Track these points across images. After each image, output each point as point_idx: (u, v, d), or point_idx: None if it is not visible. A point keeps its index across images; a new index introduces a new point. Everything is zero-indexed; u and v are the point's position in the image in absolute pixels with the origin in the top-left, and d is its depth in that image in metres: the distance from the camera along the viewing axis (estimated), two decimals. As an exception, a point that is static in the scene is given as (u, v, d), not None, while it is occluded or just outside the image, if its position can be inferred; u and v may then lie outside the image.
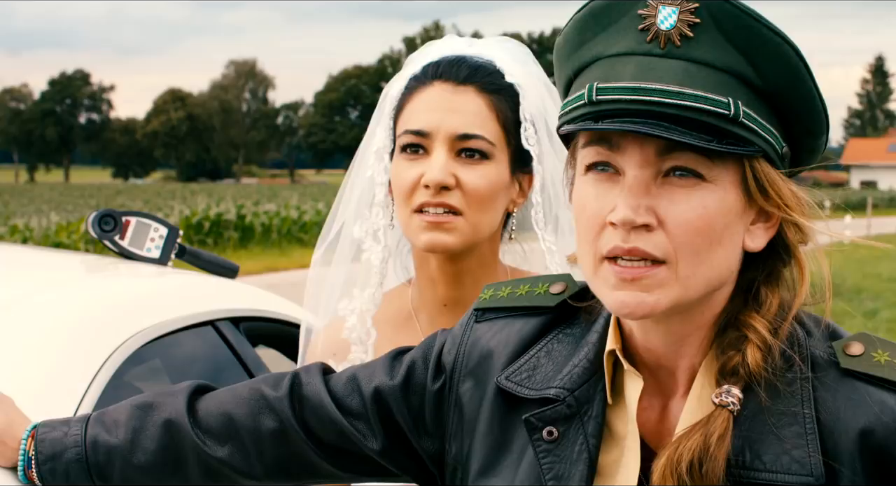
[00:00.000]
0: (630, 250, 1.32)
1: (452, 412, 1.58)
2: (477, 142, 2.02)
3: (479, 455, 1.54)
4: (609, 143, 1.34)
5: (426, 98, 2.05)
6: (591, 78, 1.36)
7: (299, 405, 1.65)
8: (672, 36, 1.33)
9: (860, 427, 1.33)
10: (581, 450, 1.44)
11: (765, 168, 1.35)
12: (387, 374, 1.63)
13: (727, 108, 1.30)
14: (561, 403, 1.46)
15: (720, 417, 1.34)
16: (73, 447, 1.66)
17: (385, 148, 2.13)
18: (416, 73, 2.11)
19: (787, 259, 1.42)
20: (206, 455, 1.65)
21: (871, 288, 17.64)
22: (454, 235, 2.00)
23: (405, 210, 2.03)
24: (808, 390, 1.36)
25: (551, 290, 1.59)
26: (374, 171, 2.14)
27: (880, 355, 1.37)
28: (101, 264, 2.94)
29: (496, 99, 2.05)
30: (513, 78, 2.08)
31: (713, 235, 1.33)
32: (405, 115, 2.07)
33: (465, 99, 2.04)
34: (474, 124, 2.02)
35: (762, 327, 1.37)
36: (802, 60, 1.34)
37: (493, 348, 1.57)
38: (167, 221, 2.93)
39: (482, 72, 2.06)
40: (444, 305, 2.12)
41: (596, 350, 1.48)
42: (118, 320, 2.26)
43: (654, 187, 1.32)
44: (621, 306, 1.34)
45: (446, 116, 2.02)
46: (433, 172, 1.99)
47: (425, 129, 2.02)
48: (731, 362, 1.37)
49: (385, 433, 1.62)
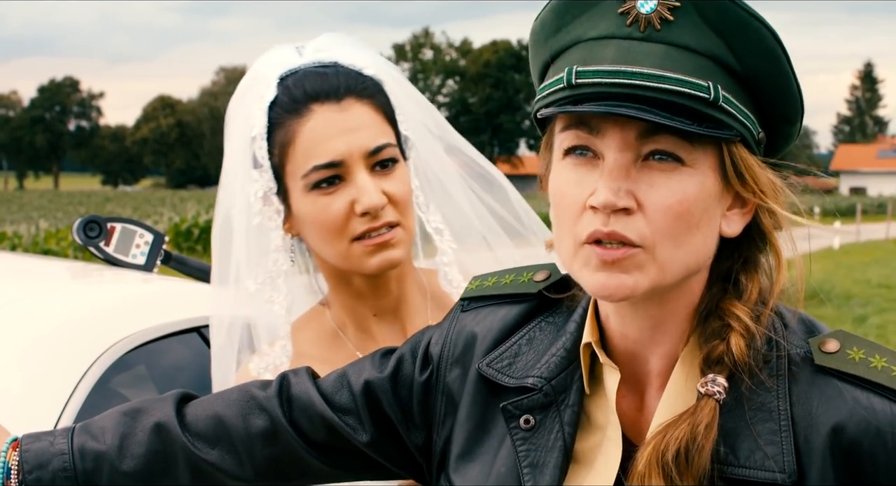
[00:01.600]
0: (610, 233, 1.32)
1: (440, 402, 1.59)
2: (387, 151, 1.97)
3: (459, 439, 1.55)
4: (588, 126, 1.34)
5: (317, 127, 1.93)
6: (569, 62, 1.36)
7: (288, 403, 1.65)
8: (652, 19, 1.33)
9: (832, 424, 1.33)
10: (556, 438, 1.45)
11: (742, 153, 1.35)
12: (376, 368, 1.64)
13: (707, 91, 1.31)
14: (538, 392, 1.48)
15: (707, 406, 1.34)
16: (59, 455, 1.62)
17: (270, 190, 2.00)
18: (276, 100, 1.97)
19: (763, 245, 1.43)
20: (196, 458, 1.63)
21: (860, 294, 17.67)
22: (400, 248, 1.97)
23: (340, 243, 1.95)
24: (785, 384, 1.36)
25: (535, 278, 1.61)
26: (262, 217, 2.01)
27: (855, 352, 1.37)
28: (86, 271, 2.92)
29: (374, 99, 1.99)
30: (369, 70, 2.02)
31: (692, 219, 1.33)
32: (300, 151, 1.94)
33: (355, 113, 1.95)
34: (377, 135, 1.96)
35: (744, 315, 1.38)
36: (781, 46, 1.35)
37: (477, 333, 1.58)
38: (153, 227, 2.92)
39: (350, 78, 1.98)
40: (373, 315, 2.09)
41: (573, 340, 1.49)
42: (103, 326, 2.25)
43: (633, 171, 1.32)
44: (601, 287, 1.34)
45: (350, 137, 1.93)
46: (369, 198, 1.91)
47: (336, 158, 1.92)
48: (715, 351, 1.37)
49: (374, 426, 1.62)
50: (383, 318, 2.09)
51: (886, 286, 19.23)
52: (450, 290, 2.08)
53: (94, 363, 2.10)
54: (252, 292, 2.05)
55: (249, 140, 2.00)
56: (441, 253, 2.09)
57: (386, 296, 2.07)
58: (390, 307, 2.08)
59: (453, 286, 2.08)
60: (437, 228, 2.10)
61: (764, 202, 1.37)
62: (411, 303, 2.11)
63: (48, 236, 23.87)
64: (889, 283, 19.76)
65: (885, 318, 14.71)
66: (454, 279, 2.08)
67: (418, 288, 2.13)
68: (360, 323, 2.10)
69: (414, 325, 2.09)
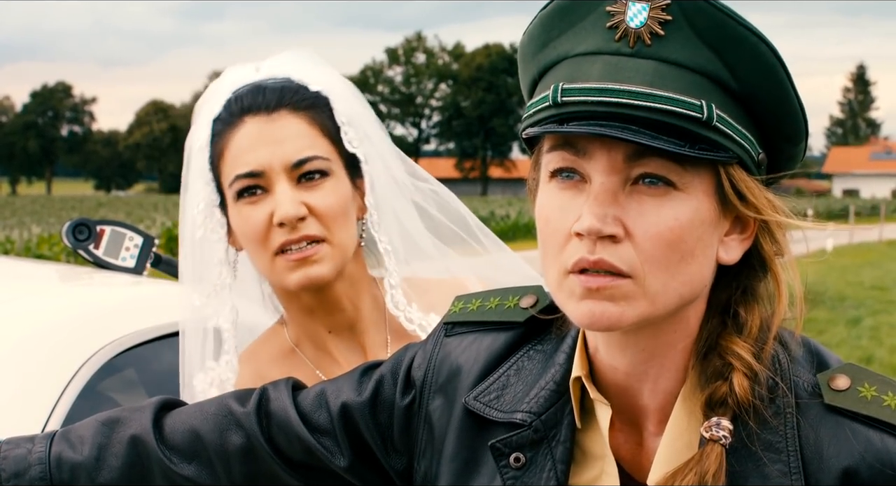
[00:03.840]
0: (596, 261, 1.24)
1: (422, 430, 1.53)
2: (314, 163, 1.94)
3: (446, 477, 1.48)
4: (575, 148, 1.27)
5: (243, 137, 1.94)
6: (556, 78, 1.28)
7: (266, 420, 1.61)
8: (642, 34, 1.25)
9: (843, 467, 1.27)
10: (549, 476, 1.39)
11: (740, 175, 1.28)
12: (354, 390, 1.58)
13: (700, 111, 1.23)
14: (528, 428, 1.41)
15: (713, 452, 1.28)
16: (36, 465, 1.60)
17: (212, 202, 2.01)
18: (216, 115, 1.99)
19: (763, 273, 1.35)
20: (173, 473, 1.61)
21: (853, 296, 17.69)
22: (324, 265, 1.93)
23: (264, 256, 1.94)
24: (793, 424, 1.30)
25: (521, 303, 1.53)
26: (204, 229, 2.01)
27: (867, 389, 1.31)
28: (75, 273, 2.91)
29: (312, 113, 1.97)
30: (317, 86, 2.01)
31: (685, 248, 1.25)
32: (228, 161, 1.95)
33: (284, 124, 1.94)
34: (304, 147, 1.94)
35: (746, 353, 1.31)
36: (780, 61, 1.28)
37: (461, 364, 1.51)
38: (142, 229, 2.90)
39: (288, 91, 1.97)
40: (328, 332, 2.06)
41: (563, 372, 1.42)
42: (92, 328, 2.23)
43: (622, 196, 1.25)
44: (586, 315, 1.26)
45: (273, 148, 1.92)
46: (285, 208, 1.89)
47: (257, 168, 1.92)
48: (718, 392, 1.30)
49: (352, 450, 1.57)
50: (339, 334, 2.06)
51: (880, 288, 19.26)
52: (396, 313, 2.04)
53: (83, 366, 2.08)
54: (197, 306, 2.04)
55: (196, 152, 2.02)
56: (388, 275, 2.06)
57: (337, 312, 2.03)
58: (345, 324, 2.05)
59: (399, 309, 2.04)
60: (387, 249, 2.06)
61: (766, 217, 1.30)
62: (367, 318, 2.07)
63: (40, 241, 23.83)
64: (882, 285, 19.79)
65: (879, 320, 14.73)
66: (399, 302, 2.04)
67: (374, 302, 2.09)
68: (316, 340, 2.07)
69: (372, 341, 2.07)
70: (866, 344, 12.53)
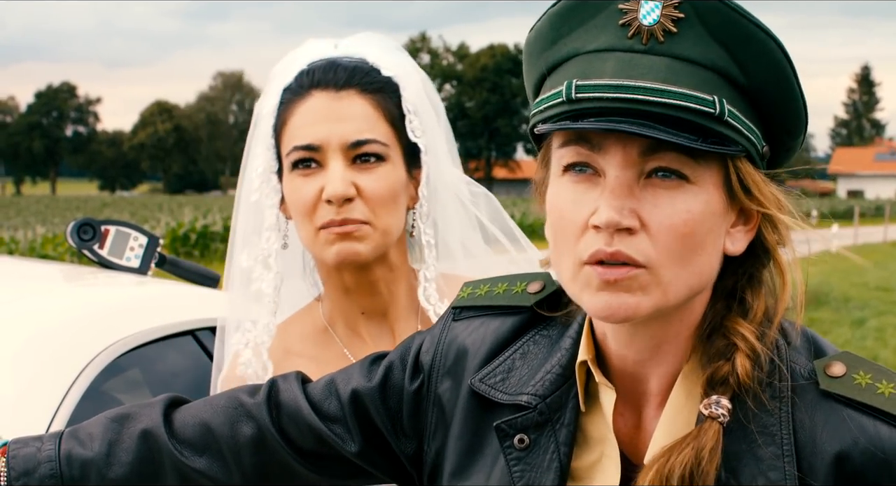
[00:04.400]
0: (614, 253, 1.27)
1: (431, 412, 1.56)
2: (371, 146, 1.96)
3: (452, 456, 1.51)
4: (589, 142, 1.29)
5: (308, 110, 1.97)
6: (567, 75, 1.31)
7: (277, 411, 1.62)
8: (655, 31, 1.28)
9: (836, 452, 1.29)
10: (552, 458, 1.41)
11: (748, 168, 1.31)
12: (364, 376, 1.61)
13: (712, 106, 1.26)
14: (532, 410, 1.44)
15: (710, 429, 1.31)
16: (46, 462, 1.60)
17: (270, 168, 2.04)
18: (287, 84, 2.02)
19: (767, 262, 1.38)
20: (184, 466, 1.61)
21: (858, 297, 17.68)
22: (365, 244, 1.95)
23: (309, 228, 1.96)
24: (788, 408, 1.33)
25: (528, 289, 1.56)
26: (260, 194, 2.05)
27: (862, 377, 1.33)
28: (80, 273, 2.91)
29: (379, 97, 1.99)
30: (389, 71, 2.02)
31: (697, 239, 1.29)
32: (289, 131, 1.99)
33: (349, 104, 1.97)
34: (364, 129, 1.96)
35: (750, 335, 1.33)
36: (787, 58, 1.31)
37: (468, 346, 1.54)
38: (147, 229, 2.90)
39: (359, 72, 2.00)
40: (361, 313, 2.08)
41: (569, 357, 1.45)
42: (96, 328, 2.24)
43: (636, 189, 1.28)
44: (603, 307, 1.29)
45: (334, 125, 1.95)
46: (334, 186, 1.92)
47: (315, 142, 1.95)
48: (720, 371, 1.33)
49: (363, 436, 1.59)
50: (372, 317, 2.08)
51: (884, 289, 19.25)
52: (426, 306, 2.06)
53: (88, 366, 2.09)
54: (244, 267, 2.06)
55: (262, 117, 2.05)
56: (426, 268, 2.07)
57: (373, 295, 2.06)
58: (379, 308, 2.07)
59: (430, 303, 2.05)
60: (429, 242, 2.08)
61: (771, 212, 1.33)
62: (401, 306, 2.09)
63: (45, 242, 23.86)
64: (887, 286, 19.78)
65: (884, 321, 14.71)
66: (431, 296, 2.06)
67: (410, 292, 2.11)
68: (349, 320, 2.09)
69: (403, 328, 2.08)
70: (871, 345, 12.52)
